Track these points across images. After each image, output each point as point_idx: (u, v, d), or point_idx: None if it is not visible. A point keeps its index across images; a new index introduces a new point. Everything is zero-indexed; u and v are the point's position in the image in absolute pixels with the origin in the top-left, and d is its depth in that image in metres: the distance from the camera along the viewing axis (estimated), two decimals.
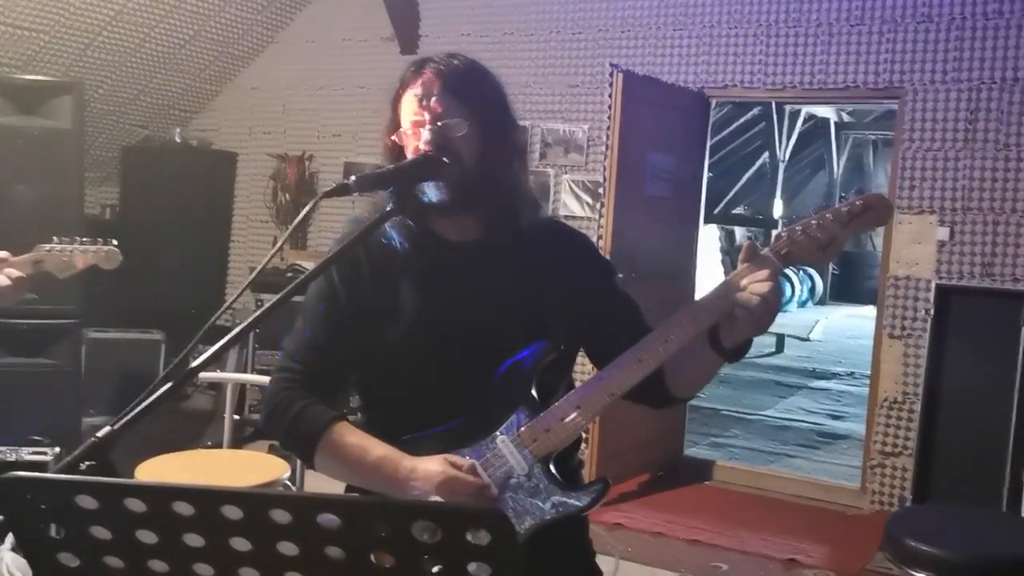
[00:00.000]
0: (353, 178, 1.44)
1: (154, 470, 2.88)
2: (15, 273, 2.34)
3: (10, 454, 3.29)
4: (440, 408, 1.57)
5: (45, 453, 3.34)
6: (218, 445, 4.00)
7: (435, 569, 0.88)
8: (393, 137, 1.62)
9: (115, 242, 2.53)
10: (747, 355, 1.55)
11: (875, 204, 1.47)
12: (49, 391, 4.65)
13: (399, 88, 1.63)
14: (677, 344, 1.49)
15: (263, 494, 0.92)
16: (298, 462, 3.09)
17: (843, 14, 4.92)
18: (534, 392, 1.55)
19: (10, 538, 3.03)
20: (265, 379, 3.31)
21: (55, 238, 2.47)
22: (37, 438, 3.82)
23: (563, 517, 1.50)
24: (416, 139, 1.58)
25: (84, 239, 2.50)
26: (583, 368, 2.07)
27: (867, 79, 4.87)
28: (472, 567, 0.87)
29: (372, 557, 0.89)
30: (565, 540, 1.59)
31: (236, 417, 4.98)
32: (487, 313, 1.61)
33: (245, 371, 5.19)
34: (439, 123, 1.56)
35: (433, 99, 1.57)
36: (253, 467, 3.13)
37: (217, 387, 5.45)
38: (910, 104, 4.74)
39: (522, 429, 1.52)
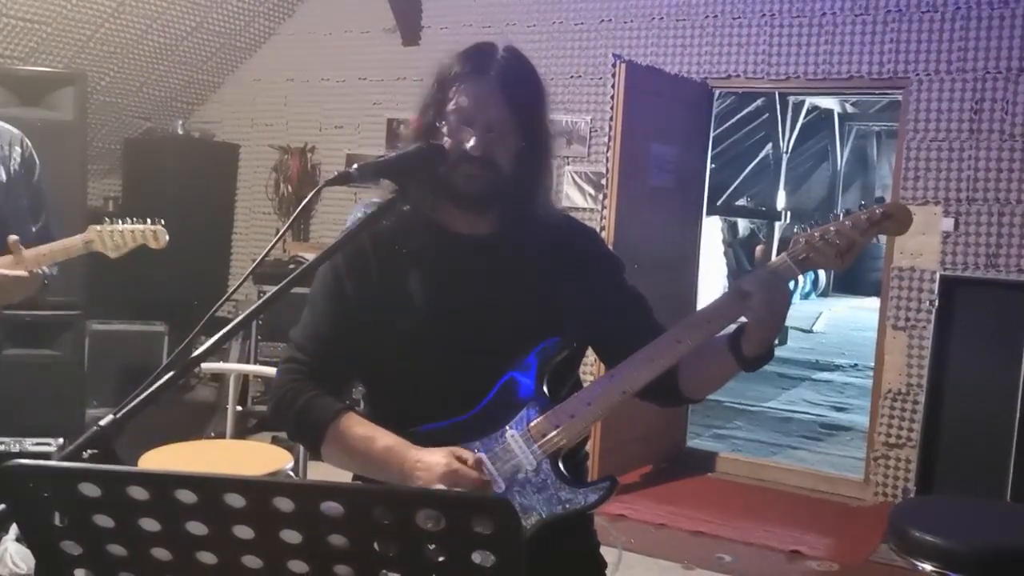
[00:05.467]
0: (355, 167, 1.44)
1: (158, 460, 2.88)
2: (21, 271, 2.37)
3: (14, 445, 3.29)
4: (449, 401, 1.56)
5: (49, 444, 3.34)
6: (222, 436, 4.00)
7: (439, 558, 0.88)
8: (432, 120, 1.59)
9: (163, 221, 2.55)
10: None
11: (895, 213, 1.48)
12: (52, 382, 4.65)
13: (455, 69, 1.59)
14: (690, 346, 1.50)
15: (266, 482, 0.92)
16: (301, 452, 3.09)
17: (847, 4, 4.90)
18: (545, 388, 1.54)
19: (14, 528, 3.04)
20: (268, 370, 3.32)
21: (106, 219, 2.53)
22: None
23: (570, 514, 1.50)
24: (461, 135, 1.56)
25: (134, 219, 2.54)
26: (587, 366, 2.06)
27: (871, 69, 4.85)
28: (476, 555, 0.87)
29: (376, 545, 0.89)
30: (569, 531, 1.59)
31: (239, 408, 5.00)
32: (499, 307, 1.60)
33: (248, 362, 5.20)
34: (491, 133, 1.55)
35: (493, 107, 1.55)
36: (256, 457, 3.13)
37: (220, 378, 5.45)
38: (914, 94, 4.72)
39: (532, 425, 1.52)
